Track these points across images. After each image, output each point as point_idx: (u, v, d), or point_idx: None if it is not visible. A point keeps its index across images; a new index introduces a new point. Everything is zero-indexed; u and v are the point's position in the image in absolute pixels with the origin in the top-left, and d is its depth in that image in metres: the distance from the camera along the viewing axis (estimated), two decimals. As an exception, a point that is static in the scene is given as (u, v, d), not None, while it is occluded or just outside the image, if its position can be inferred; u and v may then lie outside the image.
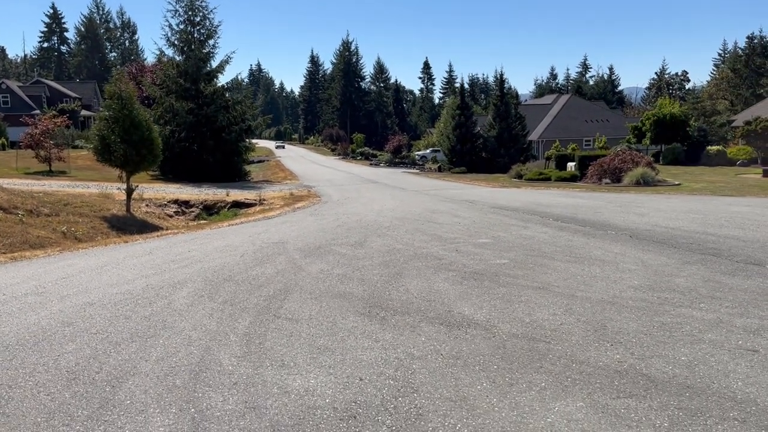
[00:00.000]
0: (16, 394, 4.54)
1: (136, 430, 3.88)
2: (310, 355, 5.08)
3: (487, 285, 7.28)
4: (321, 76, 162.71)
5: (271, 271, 8.80)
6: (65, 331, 6.16)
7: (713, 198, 18.51)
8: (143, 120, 20.67)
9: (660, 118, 41.35)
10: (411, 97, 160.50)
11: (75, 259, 11.05)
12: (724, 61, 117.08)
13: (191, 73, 37.54)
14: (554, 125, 67.02)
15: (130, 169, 20.86)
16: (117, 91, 20.61)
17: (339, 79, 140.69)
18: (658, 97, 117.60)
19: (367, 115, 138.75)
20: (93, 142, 20.62)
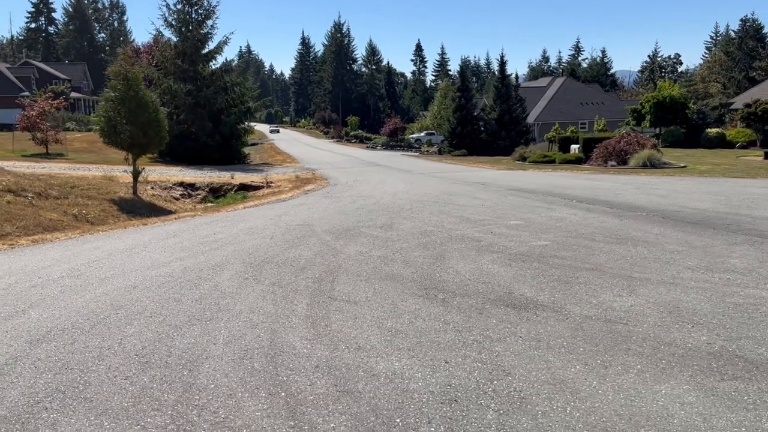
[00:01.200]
0: (92, 379, 4.42)
1: (231, 415, 3.77)
2: (383, 338, 4.98)
3: (536, 266, 7.20)
4: (312, 59, 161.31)
5: (309, 253, 8.67)
6: (118, 314, 6.03)
7: (726, 180, 18.52)
8: (150, 101, 20.35)
9: (660, 101, 41.34)
10: (402, 80, 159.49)
11: (99, 241, 10.87)
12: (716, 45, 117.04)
13: (189, 54, 37.03)
14: (550, 108, 66.89)
15: (137, 152, 20.58)
16: (122, 71, 20.26)
17: (331, 62, 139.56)
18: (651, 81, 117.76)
19: (359, 97, 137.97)
20: (99, 123, 20.28)
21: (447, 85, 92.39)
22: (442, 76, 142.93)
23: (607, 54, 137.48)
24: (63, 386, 4.32)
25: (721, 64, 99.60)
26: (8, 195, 16.36)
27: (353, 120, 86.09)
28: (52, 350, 5.06)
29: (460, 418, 3.57)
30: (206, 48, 37.92)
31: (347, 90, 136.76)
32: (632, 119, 43.82)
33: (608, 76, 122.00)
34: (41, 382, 4.40)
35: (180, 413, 3.82)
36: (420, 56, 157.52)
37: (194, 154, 35.58)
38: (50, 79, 78.97)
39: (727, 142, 40.55)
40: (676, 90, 42.95)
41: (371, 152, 52.32)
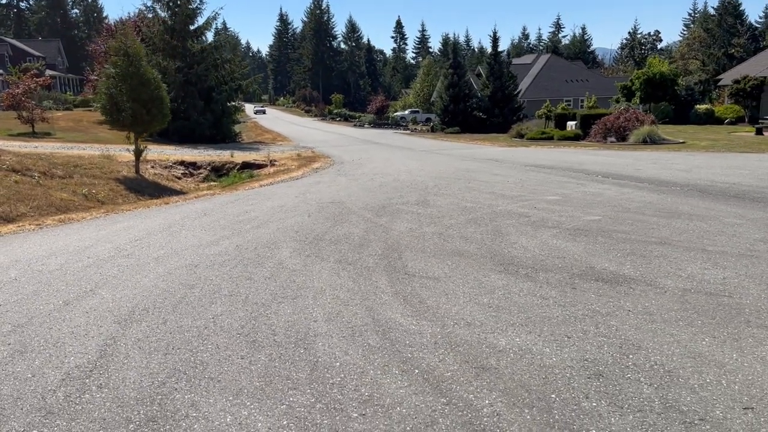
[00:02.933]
0: (206, 358, 4.31)
1: (375, 393, 3.69)
2: (488, 314, 4.92)
3: (602, 241, 7.19)
4: (290, 35, 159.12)
5: (357, 230, 8.57)
6: (195, 293, 5.89)
7: (735, 155, 18.68)
8: (152, 77, 19.87)
9: (650, 77, 41.51)
10: (381, 57, 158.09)
11: (128, 221, 10.64)
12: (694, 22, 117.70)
13: (178, 30, 36.26)
14: (535, 85, 66.89)
15: (140, 130, 20.12)
16: (123, 46, 19.71)
17: (310, 39, 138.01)
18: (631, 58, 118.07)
19: (339, 75, 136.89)
20: (100, 100, 19.75)
21: (429, 62, 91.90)
22: (423, 53, 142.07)
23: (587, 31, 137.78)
24: (181, 366, 4.21)
25: (700, 41, 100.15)
26: (14, 175, 15.94)
27: (337, 98, 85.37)
28: (147, 331, 4.92)
29: (616, 392, 3.53)
30: (195, 24, 37.15)
31: (327, 67, 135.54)
32: (622, 96, 43.97)
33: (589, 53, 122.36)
34: (155, 363, 4.28)
35: (320, 392, 3.73)
36: (400, 33, 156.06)
37: (185, 133, 35.00)
38: (24, 56, 76.84)
39: (715, 118, 40.94)
40: (666, 66, 43.15)
41: (360, 130, 51.97)
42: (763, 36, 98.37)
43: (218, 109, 36.35)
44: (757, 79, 39.57)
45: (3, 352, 4.60)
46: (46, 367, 4.31)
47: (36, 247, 8.65)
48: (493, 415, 3.36)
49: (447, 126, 42.13)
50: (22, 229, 10.26)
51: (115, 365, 4.28)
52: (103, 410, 3.64)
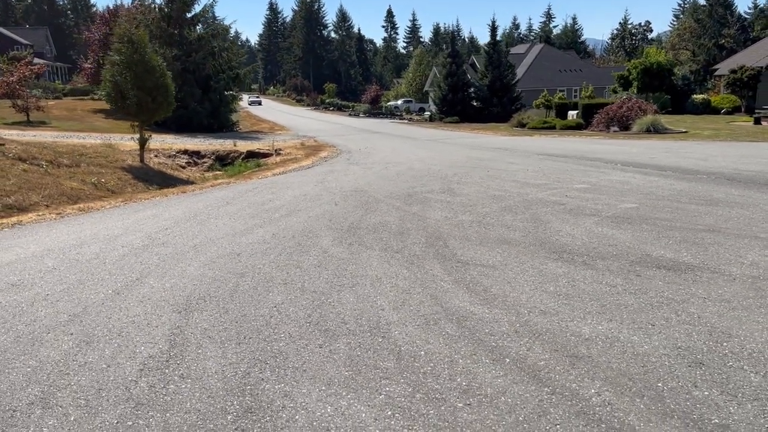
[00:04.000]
0: (284, 348, 4.21)
1: (472, 382, 3.60)
2: (559, 302, 4.85)
3: (648, 228, 7.13)
4: (280, 24, 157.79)
5: (391, 219, 8.47)
6: (247, 282, 5.78)
7: (743, 144, 18.71)
8: (156, 65, 19.60)
9: (647, 67, 41.55)
10: (371, 47, 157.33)
11: (150, 210, 10.48)
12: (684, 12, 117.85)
13: (175, 18, 35.79)
14: (529, 75, 66.78)
15: (145, 118, 19.86)
16: (127, 33, 19.40)
17: (301, 27, 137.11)
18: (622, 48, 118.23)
19: (330, 64, 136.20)
20: (105, 88, 19.44)
21: (422, 52, 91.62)
22: (414, 43, 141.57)
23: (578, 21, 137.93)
24: (259, 356, 4.11)
25: (691, 31, 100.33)
26: (21, 163, 15.68)
27: (330, 87, 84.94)
28: (211, 320, 4.81)
29: (723, 381, 3.47)
30: (192, 11, 36.70)
31: (318, 57, 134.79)
32: (619, 85, 44.02)
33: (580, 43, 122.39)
34: (230, 353, 4.17)
35: (414, 381, 3.64)
36: (391, 22, 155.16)
37: (183, 122, 34.60)
38: (11, 44, 75.61)
39: (712, 108, 41.10)
40: (663, 56, 43.21)
41: (356, 120, 51.73)
42: (752, 26, 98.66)
43: (216, 97, 36.00)
44: (753, 69, 39.71)
45: (69, 342, 4.47)
46: (119, 357, 4.20)
47: (64, 235, 8.48)
48: (605, 404, 3.28)
49: (445, 115, 41.98)
50: (43, 218, 10.08)
51: (190, 355, 4.17)
52: (194, 401, 3.54)
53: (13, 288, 5.93)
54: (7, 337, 4.64)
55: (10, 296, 5.65)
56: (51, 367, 4.07)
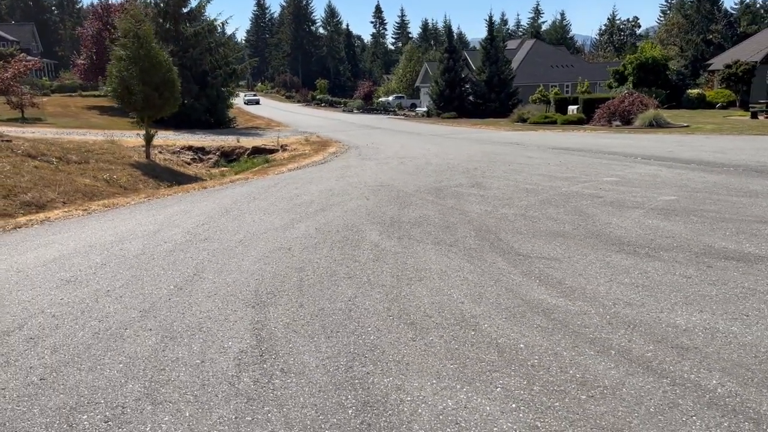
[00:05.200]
0: (378, 341, 4.16)
1: (587, 374, 3.56)
2: (640, 293, 4.83)
3: (697, 220, 7.14)
4: (268, 20, 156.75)
5: (431, 213, 8.41)
6: (309, 276, 5.71)
7: (753, 137, 18.81)
8: (163, 60, 19.39)
9: (643, 62, 41.75)
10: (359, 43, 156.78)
11: (177, 206, 10.36)
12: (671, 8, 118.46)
13: (171, 13, 35.46)
14: (522, 70, 66.73)
15: (151, 113, 19.63)
16: (133, 28, 19.16)
17: (289, 23, 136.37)
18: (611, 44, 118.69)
19: (318, 60, 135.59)
20: (112, 84, 19.18)
21: (412, 48, 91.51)
22: (402, 39, 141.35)
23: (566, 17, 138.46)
24: (354, 349, 4.06)
25: (679, 27, 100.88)
26: (31, 160, 15.47)
27: (322, 83, 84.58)
28: (290, 314, 4.76)
29: (841, 368, 3.45)
30: (188, 6, 36.37)
31: (307, 53, 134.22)
32: (614, 81, 44.19)
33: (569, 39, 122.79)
34: (324, 347, 4.12)
35: (527, 374, 3.60)
36: (380, 19, 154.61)
37: (181, 118, 34.16)
38: (-3, 40, 74.57)
39: (707, 102, 41.38)
40: (657, 51, 43.45)
41: (352, 116, 51.58)
42: (738, 22, 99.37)
43: (213, 93, 35.73)
44: (748, 63, 40.03)
45: (151, 338, 4.39)
46: (208, 352, 4.12)
47: (99, 231, 8.36)
48: (732, 395, 3.26)
49: (442, 111, 41.94)
50: (70, 214, 9.93)
51: (283, 349, 4.10)
52: (306, 395, 3.47)
53: (69, 284, 5.83)
54: (84, 333, 4.55)
55: (70, 292, 5.55)
56: (143, 363, 3.99)
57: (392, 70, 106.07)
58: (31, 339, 4.49)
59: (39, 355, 4.20)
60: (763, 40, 43.61)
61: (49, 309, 5.13)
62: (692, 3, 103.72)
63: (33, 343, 4.42)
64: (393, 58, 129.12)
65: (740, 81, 40.12)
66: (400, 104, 61.79)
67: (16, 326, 4.77)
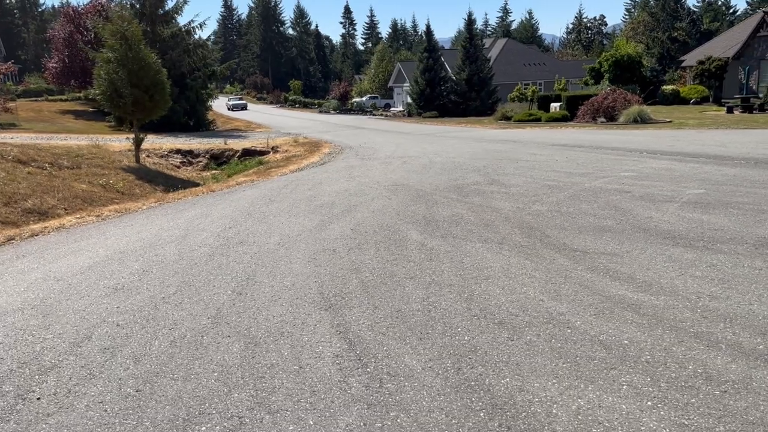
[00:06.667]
0: (478, 342, 4.06)
1: (715, 371, 3.52)
2: (718, 286, 4.83)
3: (737, 213, 7.20)
4: (236, 22, 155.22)
5: (463, 211, 8.35)
6: (369, 278, 5.61)
7: (744, 131, 19.11)
8: (152, 61, 18.99)
9: (618, 59, 42.30)
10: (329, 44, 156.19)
11: (194, 209, 10.14)
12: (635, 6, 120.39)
13: (148, 15, 34.86)
14: (496, 69, 67.09)
15: (141, 116, 19.23)
16: (120, 30, 18.73)
17: (258, 25, 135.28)
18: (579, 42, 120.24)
19: (288, 61, 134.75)
20: (100, 87, 18.70)
21: (383, 48, 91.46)
22: (372, 39, 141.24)
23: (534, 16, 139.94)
24: (456, 350, 3.98)
25: (645, 24, 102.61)
26: (22, 166, 15.03)
27: (296, 84, 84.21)
28: (368, 316, 4.66)
29: None
30: (165, 7, 35.78)
31: (277, 54, 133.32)
32: (590, 78, 44.71)
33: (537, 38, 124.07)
34: (421, 348, 4.05)
35: (646, 370, 3.55)
36: (349, 19, 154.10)
37: (161, 121, 33.34)
38: (-41, 47, 72.53)
39: (681, 98, 42.09)
40: (632, 48, 44.08)
41: (330, 116, 51.34)
42: (701, 19, 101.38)
43: (193, 95, 35.25)
44: (720, 59, 40.84)
45: (235, 345, 4.25)
46: (302, 357, 4.00)
47: (124, 237, 8.12)
48: None
49: (423, 110, 41.97)
50: (83, 220, 9.65)
51: (380, 353, 4.00)
52: (428, 399, 3.37)
53: (118, 292, 5.63)
54: (160, 341, 4.38)
55: (123, 300, 5.36)
56: (238, 371, 3.84)
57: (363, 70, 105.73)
58: (106, 349, 4.31)
59: (122, 365, 4.02)
60: (734, 36, 44.56)
61: (111, 318, 4.94)
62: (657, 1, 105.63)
63: (110, 353, 4.24)
64: (363, 58, 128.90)
65: (713, 77, 40.91)
66: (374, 104, 61.67)
67: (83, 336, 4.57)
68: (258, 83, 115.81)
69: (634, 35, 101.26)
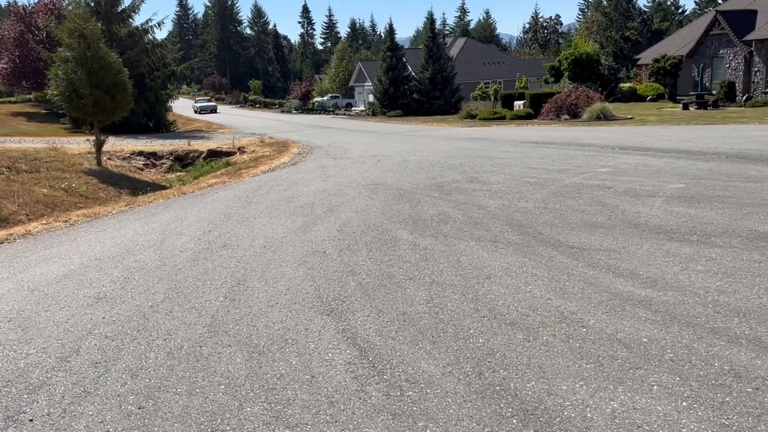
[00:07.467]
0: (498, 347, 3.93)
1: (736, 366, 3.46)
2: (726, 280, 4.81)
3: (721, 206, 7.25)
4: (191, 21, 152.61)
5: (449, 209, 8.24)
6: (366, 280, 5.46)
7: (708, 126, 19.48)
8: (113, 61, 18.40)
9: (577, 58, 42.93)
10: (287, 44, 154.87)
11: (167, 213, 9.82)
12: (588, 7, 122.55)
13: (103, 13, 33.87)
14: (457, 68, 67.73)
15: (102, 118, 18.62)
16: (79, 28, 18.10)
17: (215, 24, 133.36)
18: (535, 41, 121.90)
19: (247, 61, 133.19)
20: (58, 87, 18.00)
21: (343, 47, 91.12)
22: (331, 38, 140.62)
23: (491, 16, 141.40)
24: (472, 354, 3.85)
25: (598, 24, 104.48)
26: (-22, 170, 14.35)
27: (256, 84, 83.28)
28: (373, 320, 4.50)
29: None
30: (120, 6, 34.83)
31: (234, 54, 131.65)
32: (550, 76, 45.28)
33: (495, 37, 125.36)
34: (436, 353, 3.91)
35: (673, 369, 3.47)
36: (307, 18, 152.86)
37: (119, 123, 32.63)
38: None
39: (638, 96, 42.97)
40: (590, 47, 44.80)
41: (292, 116, 50.84)
42: (651, 19, 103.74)
43: (152, 96, 34.42)
44: (675, 57, 41.79)
45: (239, 355, 4.06)
46: (313, 366, 3.82)
47: (98, 243, 7.77)
48: None
49: (387, 109, 41.87)
50: (51, 226, 9.23)
51: (393, 360, 3.84)
52: (454, 407, 3.23)
53: (102, 301, 5.34)
54: (156, 353, 4.14)
55: (108, 310, 5.07)
56: (246, 382, 3.64)
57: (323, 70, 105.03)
58: (98, 364, 4.04)
59: (119, 380, 3.77)
60: (687, 34, 45.69)
61: (97, 329, 4.65)
62: (610, 1, 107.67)
63: (103, 368, 3.97)
64: (323, 58, 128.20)
65: (668, 74, 41.81)
66: (336, 104, 61.32)
67: (70, 350, 4.29)
68: (216, 83, 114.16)
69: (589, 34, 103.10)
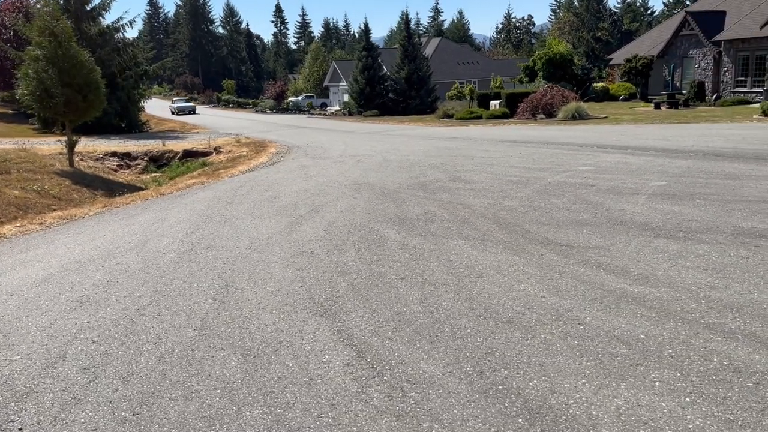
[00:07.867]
0: (500, 347, 3.90)
1: (736, 361, 3.49)
2: (716, 276, 4.85)
3: (703, 203, 7.33)
4: (162, 20, 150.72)
5: (434, 209, 8.22)
6: (357, 281, 5.40)
7: (681, 125, 19.75)
8: (85, 60, 18.05)
9: (551, 57, 43.34)
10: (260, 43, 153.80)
11: (147, 214, 9.65)
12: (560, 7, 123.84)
13: (72, 11, 33.23)
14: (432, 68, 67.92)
15: (73, 118, 18.24)
16: (49, 26, 17.71)
17: (186, 23, 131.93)
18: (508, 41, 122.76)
19: (219, 61, 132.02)
20: (28, 86, 17.57)
21: (317, 47, 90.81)
22: (305, 38, 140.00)
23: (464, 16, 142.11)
24: (473, 354, 3.82)
25: (570, 25, 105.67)
26: (-54, 172, 13.96)
27: (229, 84, 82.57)
28: (368, 322, 4.46)
29: None
30: (91, 3, 34.22)
31: (207, 53, 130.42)
32: (525, 76, 45.64)
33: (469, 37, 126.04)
34: (435, 353, 3.86)
35: (672, 365, 3.48)
36: (281, 18, 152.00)
37: (91, 123, 32.12)
38: None
39: (611, 95, 43.51)
40: (563, 46, 45.25)
41: (267, 116, 50.48)
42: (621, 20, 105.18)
43: (124, 96, 33.88)
44: (646, 57, 42.39)
45: (233, 359, 3.98)
46: (310, 368, 3.76)
47: (77, 246, 7.60)
48: None
49: (364, 109, 41.78)
50: (26, 229, 8.98)
51: (392, 359, 3.80)
52: (458, 407, 3.20)
53: (85, 305, 5.21)
54: (146, 358, 4.04)
55: (93, 314, 4.95)
56: (243, 386, 3.56)
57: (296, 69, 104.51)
58: (86, 369, 3.92)
59: (110, 386, 3.67)
60: (658, 35, 46.40)
61: (83, 334, 4.53)
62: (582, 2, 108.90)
63: (92, 374, 3.86)
64: (296, 57, 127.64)
65: (640, 74, 42.39)
66: (311, 104, 61.07)
67: (56, 356, 4.17)
68: (188, 83, 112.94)
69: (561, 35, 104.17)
